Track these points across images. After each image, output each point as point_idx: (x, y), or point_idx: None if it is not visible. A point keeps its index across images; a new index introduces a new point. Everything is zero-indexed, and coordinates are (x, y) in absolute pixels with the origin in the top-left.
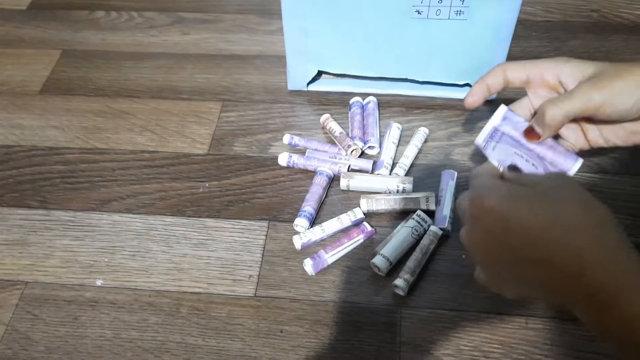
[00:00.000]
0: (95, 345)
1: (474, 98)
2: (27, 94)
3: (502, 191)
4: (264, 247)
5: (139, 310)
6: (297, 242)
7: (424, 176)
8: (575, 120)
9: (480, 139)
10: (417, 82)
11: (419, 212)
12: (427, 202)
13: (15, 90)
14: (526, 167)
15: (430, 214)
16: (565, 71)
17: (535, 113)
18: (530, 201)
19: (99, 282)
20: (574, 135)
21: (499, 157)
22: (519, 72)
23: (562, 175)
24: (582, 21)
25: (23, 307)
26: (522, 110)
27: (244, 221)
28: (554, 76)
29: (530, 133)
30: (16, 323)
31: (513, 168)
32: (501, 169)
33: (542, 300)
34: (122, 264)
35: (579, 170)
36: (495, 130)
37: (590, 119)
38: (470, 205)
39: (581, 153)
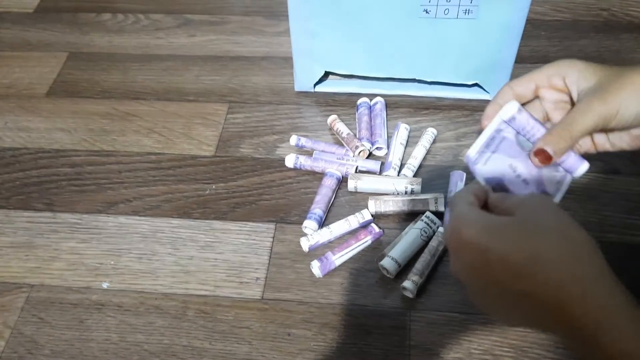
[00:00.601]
0: (101, 349)
1: (489, 121)
2: (34, 96)
3: (481, 221)
4: (271, 250)
5: (145, 313)
6: (305, 244)
7: (432, 177)
8: (589, 134)
9: (473, 150)
10: (425, 82)
11: (427, 213)
12: (435, 203)
13: (22, 93)
14: (516, 184)
15: (439, 215)
16: (570, 76)
17: (547, 116)
18: (509, 232)
19: (105, 285)
20: (583, 142)
21: (489, 174)
22: (526, 84)
23: (543, 200)
24: (592, 20)
25: (29, 310)
26: (535, 114)
27: (251, 223)
28: (561, 79)
29: (540, 155)
30: (22, 326)
31: (499, 188)
32: (486, 188)
33: (533, 330)
34: (129, 267)
35: (590, 171)
36: (497, 133)
37: (600, 131)
38: (450, 238)
39: (589, 155)
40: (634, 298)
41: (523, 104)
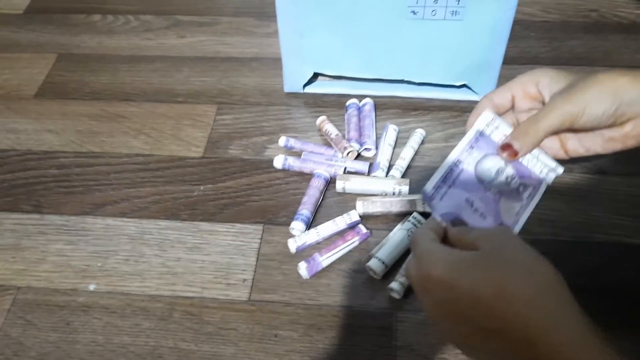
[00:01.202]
0: (87, 351)
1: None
2: (22, 98)
3: (448, 258)
4: (259, 251)
5: (132, 315)
6: (292, 245)
7: (420, 178)
8: (555, 132)
9: (429, 186)
10: (414, 83)
11: (415, 214)
12: (423, 204)
13: (10, 95)
14: (473, 218)
15: (427, 216)
16: (542, 82)
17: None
18: (476, 267)
19: (91, 287)
20: (552, 147)
21: (445, 209)
22: (503, 94)
23: (505, 232)
24: (581, 21)
25: (15, 312)
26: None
27: (239, 224)
28: (534, 86)
29: (507, 150)
30: (8, 328)
31: (458, 222)
32: (444, 224)
33: None
34: (116, 269)
35: (577, 172)
36: (456, 165)
37: (567, 130)
38: (417, 277)
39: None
40: (597, 328)
41: (502, 114)
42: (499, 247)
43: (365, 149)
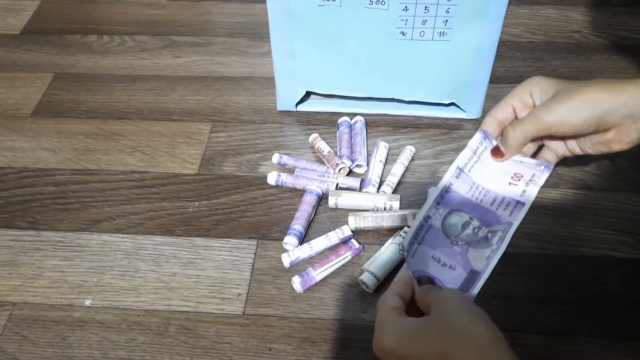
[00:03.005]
0: None
1: (495, 152)
2: (18, 116)
3: (398, 329)
4: (253, 266)
5: (127, 330)
6: (286, 260)
7: (410, 194)
8: (535, 139)
9: (406, 241)
10: (404, 101)
11: (406, 228)
12: (414, 219)
13: (7, 113)
14: (442, 272)
15: None
16: (534, 91)
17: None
18: (421, 335)
19: (87, 302)
20: (558, 146)
21: (416, 265)
22: (505, 109)
23: (455, 297)
24: (564, 42)
25: (11, 327)
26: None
27: (233, 240)
28: (529, 95)
29: (496, 152)
30: (4, 344)
31: (426, 280)
32: (412, 283)
33: None
34: (111, 284)
35: (562, 187)
36: (426, 221)
37: (549, 136)
38: (375, 347)
39: (565, 165)
40: None
41: (507, 125)
42: (443, 312)
43: (357, 165)
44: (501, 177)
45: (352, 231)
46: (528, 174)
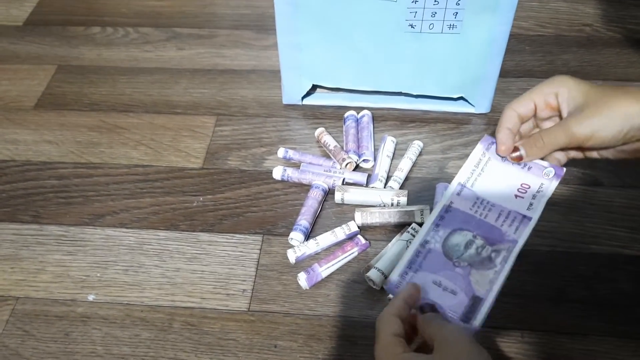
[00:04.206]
0: None
1: (506, 145)
2: (21, 109)
3: None
4: (258, 261)
5: (131, 326)
6: (292, 256)
7: (418, 189)
8: (562, 149)
9: (394, 274)
10: (411, 95)
11: (413, 225)
12: (421, 215)
13: (9, 106)
14: (443, 297)
15: None
16: (561, 94)
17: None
18: None
19: (91, 297)
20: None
21: None
22: (527, 104)
23: (459, 338)
24: (575, 35)
25: (14, 322)
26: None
27: (238, 235)
28: (554, 97)
29: (514, 152)
30: (6, 339)
31: (429, 307)
32: (413, 311)
33: None
34: (115, 279)
35: (573, 183)
36: (422, 247)
37: (576, 148)
38: None
39: (574, 165)
40: None
41: (524, 122)
42: (447, 351)
43: (364, 160)
44: (507, 189)
45: (358, 227)
46: (536, 183)
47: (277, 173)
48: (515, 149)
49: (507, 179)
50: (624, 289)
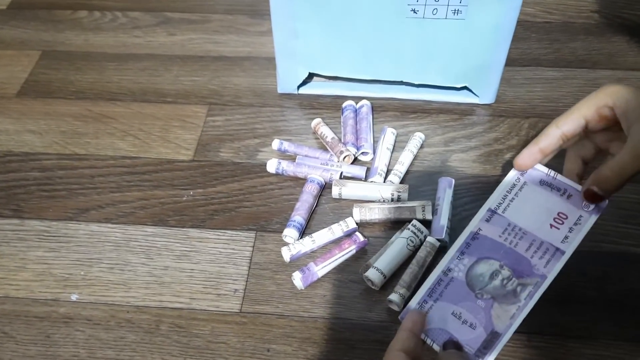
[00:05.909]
0: None
1: (525, 162)
2: (3, 97)
3: None
4: (251, 260)
5: (116, 328)
6: (286, 254)
7: (420, 184)
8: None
9: (414, 302)
10: (413, 85)
11: (414, 222)
12: (423, 211)
13: None
14: (462, 331)
15: (427, 224)
16: (618, 107)
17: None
18: None
19: (74, 297)
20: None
21: (431, 324)
22: (576, 122)
23: None
24: (583, 22)
25: None
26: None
27: (230, 231)
28: (610, 110)
29: (592, 198)
30: None
31: (452, 345)
32: (435, 347)
33: None
34: (99, 278)
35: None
36: (445, 274)
37: None
38: None
39: None
40: None
41: (569, 144)
42: None
43: (363, 153)
44: (543, 217)
45: (356, 223)
46: (574, 214)
47: (272, 166)
48: (590, 192)
49: (543, 207)
50: (636, 290)
